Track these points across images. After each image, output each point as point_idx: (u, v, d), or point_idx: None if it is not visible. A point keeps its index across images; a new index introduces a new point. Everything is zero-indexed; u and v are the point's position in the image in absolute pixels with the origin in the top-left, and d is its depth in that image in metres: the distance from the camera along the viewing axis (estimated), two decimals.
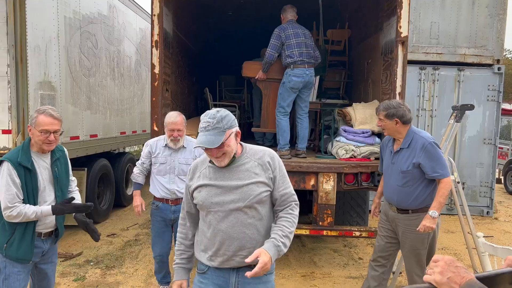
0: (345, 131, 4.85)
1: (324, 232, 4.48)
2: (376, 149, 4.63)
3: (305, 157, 4.84)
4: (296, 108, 5.00)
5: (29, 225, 2.51)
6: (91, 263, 4.76)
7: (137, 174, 3.75)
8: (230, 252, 2.00)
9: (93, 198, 6.27)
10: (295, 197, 2.11)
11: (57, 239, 2.74)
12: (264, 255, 1.84)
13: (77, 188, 2.91)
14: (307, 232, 4.50)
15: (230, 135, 1.97)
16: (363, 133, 4.78)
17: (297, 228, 4.42)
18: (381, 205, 3.51)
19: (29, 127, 2.55)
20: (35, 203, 2.52)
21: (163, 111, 4.83)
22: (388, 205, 3.30)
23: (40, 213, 2.49)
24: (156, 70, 4.52)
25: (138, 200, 3.69)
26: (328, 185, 4.42)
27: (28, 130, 2.56)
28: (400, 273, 4.30)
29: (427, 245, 3.15)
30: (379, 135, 4.82)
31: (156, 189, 3.63)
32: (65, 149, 2.84)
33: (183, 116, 3.59)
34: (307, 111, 5.03)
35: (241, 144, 2.11)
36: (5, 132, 4.58)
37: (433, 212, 3.00)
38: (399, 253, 3.44)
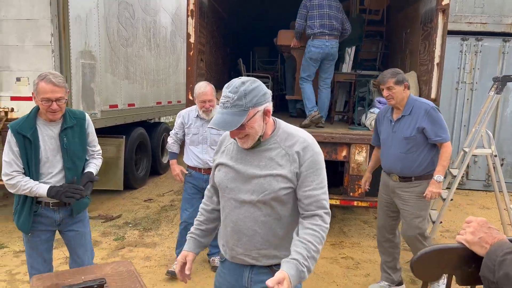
0: (379, 102, 4.80)
1: (355, 203, 4.52)
2: None
3: (322, 127, 4.98)
4: (318, 78, 5.13)
5: (28, 198, 2.43)
6: (130, 225, 5.03)
7: (171, 143, 3.83)
8: (239, 248, 1.70)
9: (130, 165, 6.55)
10: (326, 203, 1.64)
11: (71, 209, 2.55)
12: (286, 282, 1.43)
13: (100, 157, 2.75)
14: (338, 202, 4.55)
15: (254, 115, 1.59)
16: None
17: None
18: (381, 179, 3.45)
19: (33, 94, 2.36)
20: (36, 173, 2.40)
21: (198, 81, 4.93)
22: (388, 176, 3.28)
23: (36, 191, 2.36)
24: (192, 40, 4.58)
25: (176, 169, 3.78)
26: (360, 157, 4.42)
27: (32, 98, 2.38)
28: (441, 222, 4.26)
29: (429, 211, 3.15)
30: None
31: (190, 158, 3.71)
32: (87, 116, 2.63)
33: (212, 86, 3.60)
34: (328, 82, 5.15)
35: (274, 122, 1.71)
36: None
37: (438, 176, 3.01)
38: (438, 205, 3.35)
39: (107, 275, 1.95)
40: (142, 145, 7.12)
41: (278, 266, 1.56)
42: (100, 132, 6.11)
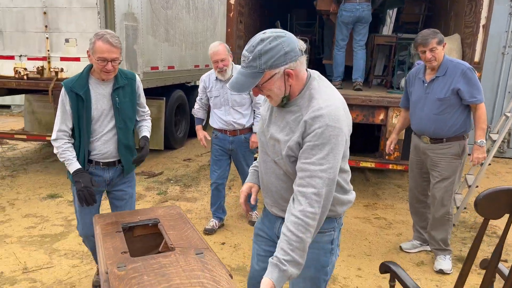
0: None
1: (390, 166, 4.56)
2: None
3: (360, 89, 5.04)
4: (353, 41, 5.20)
5: (81, 151, 2.46)
6: (171, 181, 5.32)
7: (197, 109, 3.86)
8: (267, 199, 1.71)
9: (170, 125, 6.80)
10: (320, 183, 1.42)
11: (123, 169, 2.61)
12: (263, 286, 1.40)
13: (149, 118, 2.79)
14: (372, 165, 4.61)
15: (272, 77, 1.45)
16: None
17: (362, 161, 4.63)
18: (411, 141, 3.43)
19: (88, 52, 2.36)
20: (88, 132, 2.43)
21: (237, 43, 5.01)
22: (418, 138, 3.28)
23: (67, 165, 2.41)
24: (232, 1, 4.62)
25: (200, 134, 3.82)
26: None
27: (87, 56, 2.38)
28: (465, 208, 4.32)
29: (459, 173, 3.15)
30: None
31: (215, 121, 3.72)
32: (137, 77, 2.63)
33: (225, 45, 3.49)
34: (362, 44, 5.20)
35: (307, 80, 1.53)
36: None
37: (481, 141, 3.01)
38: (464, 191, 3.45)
39: (160, 216, 2.15)
40: (181, 107, 7.34)
41: None
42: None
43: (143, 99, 2.69)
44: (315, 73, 1.58)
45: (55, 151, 2.44)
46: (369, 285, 3.02)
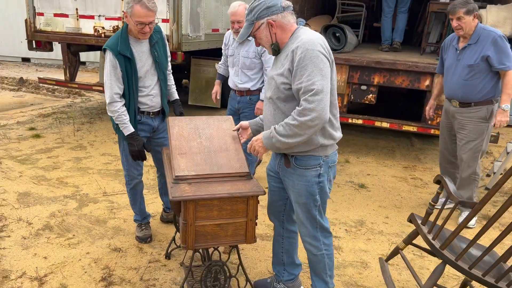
0: None
1: (432, 131, 4.74)
2: None
3: (397, 49, 5.78)
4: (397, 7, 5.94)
5: (131, 107, 2.66)
6: None
7: (219, 65, 3.91)
8: None
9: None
10: (313, 86, 1.79)
11: (164, 117, 2.91)
12: (259, 139, 2.02)
13: (171, 75, 3.01)
14: (415, 129, 4.81)
15: (259, 27, 1.95)
16: None
17: (405, 125, 4.84)
18: (444, 105, 3.61)
19: (125, 13, 2.49)
20: (137, 89, 2.64)
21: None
22: (449, 103, 3.46)
23: (122, 128, 2.63)
24: None
25: (214, 89, 3.89)
26: None
27: (124, 17, 2.54)
28: (501, 174, 4.44)
29: (487, 137, 3.32)
30: (510, 40, 4.61)
31: (230, 79, 3.77)
32: (162, 30, 2.81)
33: (246, 6, 3.37)
34: (403, 10, 5.96)
35: (295, 31, 1.97)
36: (164, 21, 5.56)
37: (505, 105, 3.16)
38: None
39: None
40: None
41: (293, 156, 2.02)
42: (203, 53, 6.87)
43: (168, 49, 2.94)
44: (303, 27, 2.02)
45: (110, 114, 2.62)
46: (394, 230, 3.38)
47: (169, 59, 2.95)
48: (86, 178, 4.11)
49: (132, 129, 2.65)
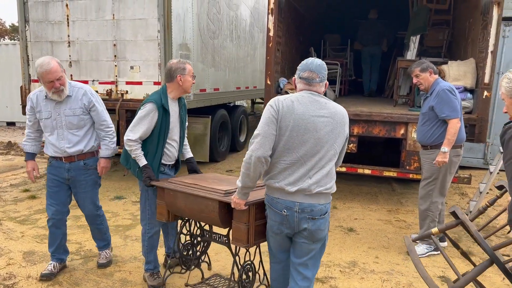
0: None
1: (410, 175, 5.12)
2: (468, 104, 5.02)
3: (372, 94, 7.45)
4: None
5: (156, 159, 3.04)
6: None
7: (23, 143, 3.43)
8: None
9: (215, 141, 7.63)
10: (254, 135, 2.37)
11: (177, 170, 3.34)
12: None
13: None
14: (395, 174, 5.19)
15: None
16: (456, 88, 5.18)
17: (385, 170, 5.23)
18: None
19: (179, 76, 3.01)
20: (164, 139, 3.04)
21: (275, 68, 5.78)
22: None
23: (138, 160, 2.99)
24: (271, 33, 5.43)
25: (29, 166, 3.39)
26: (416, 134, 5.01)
27: (178, 80, 3.03)
28: (487, 192, 4.77)
29: (445, 173, 3.72)
30: (472, 91, 5.17)
31: (49, 147, 3.33)
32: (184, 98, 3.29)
33: (57, 60, 3.10)
34: (377, 64, 8.25)
35: None
36: (156, 83, 5.96)
37: (443, 148, 3.61)
38: None
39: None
40: (224, 125, 8.18)
41: None
42: (192, 112, 7.26)
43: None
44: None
45: (128, 148, 3.00)
46: (384, 269, 3.61)
47: (187, 123, 3.36)
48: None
49: (145, 161, 3.01)
